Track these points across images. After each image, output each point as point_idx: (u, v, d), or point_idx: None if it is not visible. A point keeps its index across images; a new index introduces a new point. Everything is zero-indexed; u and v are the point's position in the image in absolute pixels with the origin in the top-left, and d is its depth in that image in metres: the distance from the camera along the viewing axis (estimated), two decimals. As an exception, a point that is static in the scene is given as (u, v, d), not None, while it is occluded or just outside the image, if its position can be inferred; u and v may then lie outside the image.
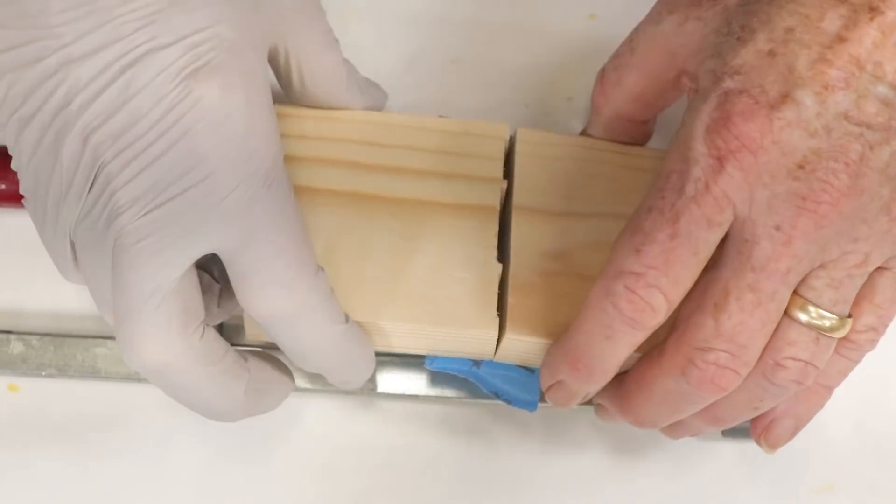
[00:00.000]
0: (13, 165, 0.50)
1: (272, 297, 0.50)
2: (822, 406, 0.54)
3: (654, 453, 0.61)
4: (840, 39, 0.47)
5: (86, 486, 0.60)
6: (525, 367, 0.57)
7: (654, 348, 0.51)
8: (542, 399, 0.56)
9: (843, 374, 0.53)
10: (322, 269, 0.52)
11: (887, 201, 0.48)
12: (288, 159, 0.54)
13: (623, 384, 0.53)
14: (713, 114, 0.47)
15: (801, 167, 0.47)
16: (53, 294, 0.61)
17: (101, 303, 0.51)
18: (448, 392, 0.60)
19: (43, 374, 0.60)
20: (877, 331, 0.52)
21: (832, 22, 0.47)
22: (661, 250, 0.48)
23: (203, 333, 0.50)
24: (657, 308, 0.48)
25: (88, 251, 0.50)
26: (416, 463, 0.61)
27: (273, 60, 0.54)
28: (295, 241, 0.50)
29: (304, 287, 0.50)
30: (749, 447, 0.61)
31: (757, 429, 0.55)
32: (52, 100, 0.48)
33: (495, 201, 0.55)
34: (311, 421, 0.61)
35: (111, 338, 0.60)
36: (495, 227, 0.55)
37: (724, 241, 0.48)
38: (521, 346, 0.54)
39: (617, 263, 0.48)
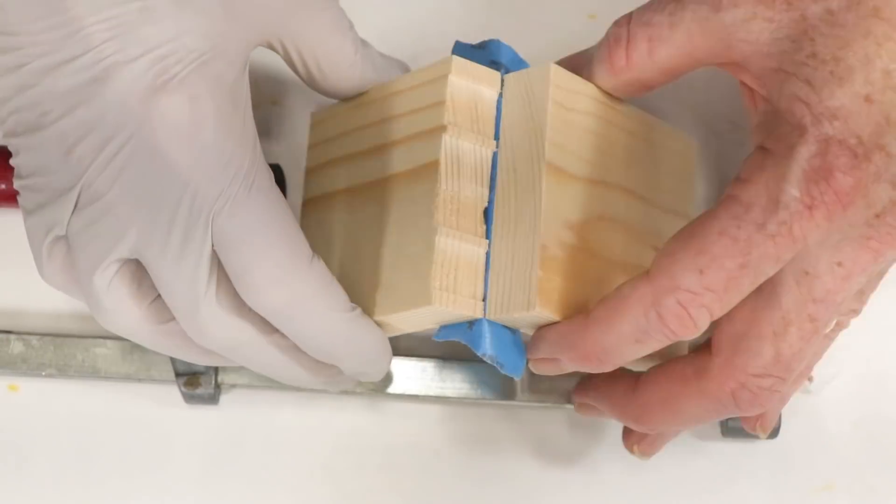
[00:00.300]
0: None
1: (267, 293, 0.50)
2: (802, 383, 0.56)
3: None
4: None
5: (86, 486, 0.60)
6: (510, 329, 0.54)
7: (685, 366, 0.52)
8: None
9: (823, 353, 0.55)
10: (317, 256, 0.51)
11: None
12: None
13: (639, 395, 0.53)
14: (813, 161, 0.47)
15: (877, 216, 0.48)
16: (53, 294, 0.61)
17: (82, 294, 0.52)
18: (448, 392, 0.60)
19: (43, 374, 0.60)
20: (857, 312, 0.54)
21: None
22: (726, 277, 0.48)
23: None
24: (701, 327, 0.49)
25: (90, 258, 0.51)
26: (416, 463, 0.61)
27: (284, 56, 0.54)
28: (282, 236, 0.50)
29: (297, 280, 0.50)
30: (749, 447, 0.61)
31: (751, 421, 0.56)
32: (34, 108, 0.49)
33: (437, 154, 0.52)
34: (312, 421, 0.61)
35: (111, 338, 0.60)
36: (435, 186, 0.52)
37: None
38: (528, 319, 0.52)
39: (674, 278, 0.48)
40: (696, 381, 0.51)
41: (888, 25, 0.48)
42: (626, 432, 0.58)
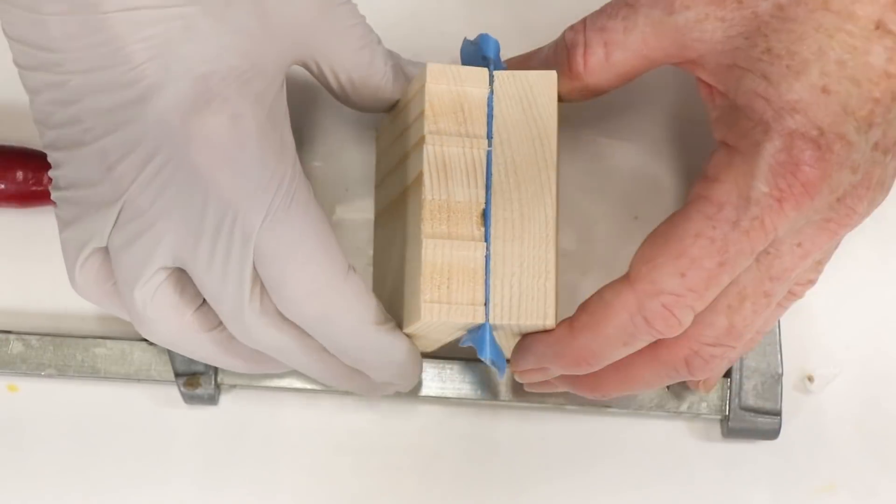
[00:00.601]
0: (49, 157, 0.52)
1: (303, 305, 0.51)
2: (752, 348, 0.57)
3: (653, 453, 0.61)
4: (887, 76, 0.48)
5: (86, 486, 0.60)
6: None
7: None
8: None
9: (777, 319, 0.57)
10: (353, 269, 0.52)
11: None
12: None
13: (578, 343, 0.53)
14: (779, 156, 0.49)
15: (838, 200, 0.50)
16: (53, 294, 0.61)
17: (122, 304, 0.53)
18: (448, 392, 0.60)
19: (43, 374, 0.60)
20: (813, 282, 0.54)
21: (879, 56, 0.48)
22: (706, 276, 0.49)
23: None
24: (686, 324, 0.50)
25: (132, 271, 0.51)
26: (416, 463, 0.61)
27: (318, 75, 0.55)
28: (320, 250, 0.51)
29: (332, 293, 0.51)
30: (749, 447, 0.60)
31: (696, 381, 0.57)
32: (75, 124, 0.50)
33: (420, 166, 0.52)
34: (312, 421, 0.61)
35: (111, 338, 0.60)
36: (421, 196, 0.52)
37: None
38: (531, 328, 0.53)
39: (656, 283, 0.49)
40: (649, 348, 0.52)
41: (837, 17, 0.49)
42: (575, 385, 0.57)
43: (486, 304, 0.51)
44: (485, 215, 0.52)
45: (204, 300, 0.52)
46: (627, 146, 0.62)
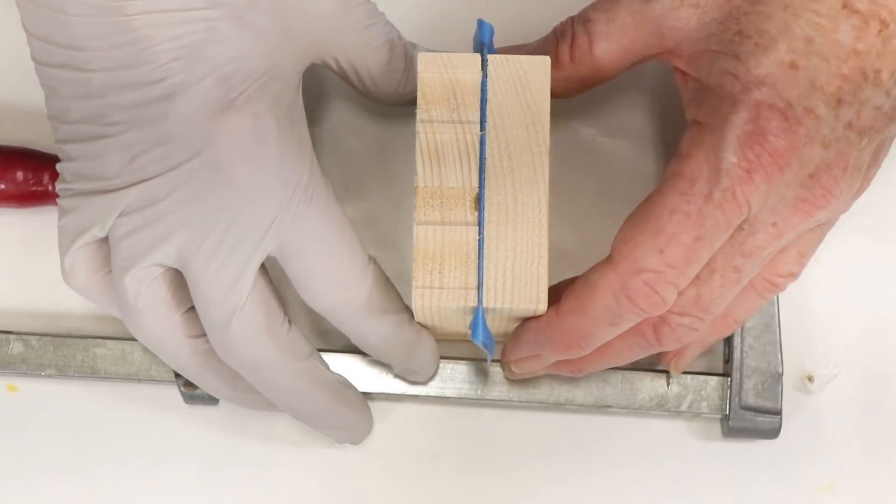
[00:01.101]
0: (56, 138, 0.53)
1: (327, 297, 0.53)
2: (728, 334, 0.58)
3: (654, 453, 0.61)
4: (854, 53, 0.49)
5: (86, 486, 0.60)
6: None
7: None
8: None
9: (756, 310, 0.57)
10: (373, 260, 0.54)
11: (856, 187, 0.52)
12: None
13: (563, 325, 0.54)
14: (746, 127, 0.49)
15: (811, 177, 0.50)
16: (53, 294, 0.61)
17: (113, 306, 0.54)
18: (448, 392, 0.60)
19: (43, 374, 0.60)
20: (795, 276, 0.55)
21: (846, 34, 0.49)
22: (684, 251, 0.50)
23: (289, 329, 0.54)
24: (669, 301, 0.51)
25: (130, 258, 0.52)
26: (416, 463, 0.61)
27: (339, 72, 0.56)
28: (341, 243, 0.53)
29: (355, 282, 0.53)
30: (750, 447, 0.60)
31: (668, 356, 0.58)
32: (98, 119, 0.51)
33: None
34: (312, 421, 0.61)
35: (111, 338, 0.60)
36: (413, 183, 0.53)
37: None
38: (524, 313, 0.54)
39: (636, 261, 0.50)
40: None
41: (813, 13, 0.49)
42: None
43: (479, 288, 0.52)
44: (479, 199, 0.52)
45: (193, 307, 0.53)
46: (628, 146, 0.62)
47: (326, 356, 0.59)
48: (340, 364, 0.59)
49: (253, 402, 0.57)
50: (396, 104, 0.58)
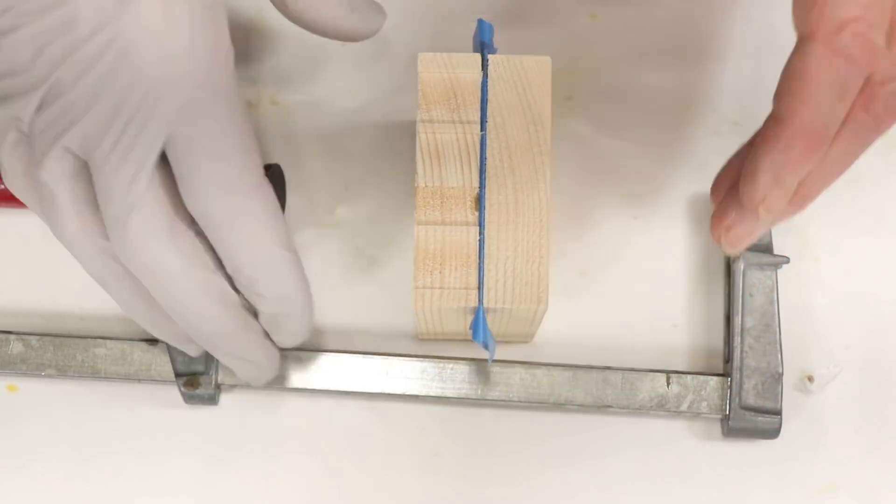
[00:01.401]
0: None
1: (210, 197, 0.51)
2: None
3: (654, 454, 0.61)
4: None
5: (86, 486, 0.60)
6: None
7: None
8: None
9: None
10: (268, 183, 0.52)
11: None
12: None
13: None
14: None
15: None
16: (53, 294, 0.61)
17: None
18: (448, 392, 0.60)
19: (43, 374, 0.60)
20: None
21: None
22: None
23: (195, 237, 0.51)
24: (880, 45, 0.48)
25: (41, 147, 0.51)
26: (416, 463, 0.61)
27: None
28: (238, 149, 0.51)
29: (243, 194, 0.51)
30: (750, 447, 0.60)
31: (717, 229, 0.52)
32: (5, 12, 0.50)
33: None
34: (312, 421, 0.61)
35: (111, 338, 0.60)
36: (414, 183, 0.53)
37: None
38: (523, 313, 0.54)
39: (833, 16, 0.47)
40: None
41: None
42: (718, 216, 0.53)
43: (479, 288, 0.52)
44: (479, 199, 0.52)
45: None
46: (628, 146, 0.63)
47: (327, 356, 0.59)
48: (341, 364, 0.59)
49: (172, 333, 0.55)
50: (314, 29, 0.56)
